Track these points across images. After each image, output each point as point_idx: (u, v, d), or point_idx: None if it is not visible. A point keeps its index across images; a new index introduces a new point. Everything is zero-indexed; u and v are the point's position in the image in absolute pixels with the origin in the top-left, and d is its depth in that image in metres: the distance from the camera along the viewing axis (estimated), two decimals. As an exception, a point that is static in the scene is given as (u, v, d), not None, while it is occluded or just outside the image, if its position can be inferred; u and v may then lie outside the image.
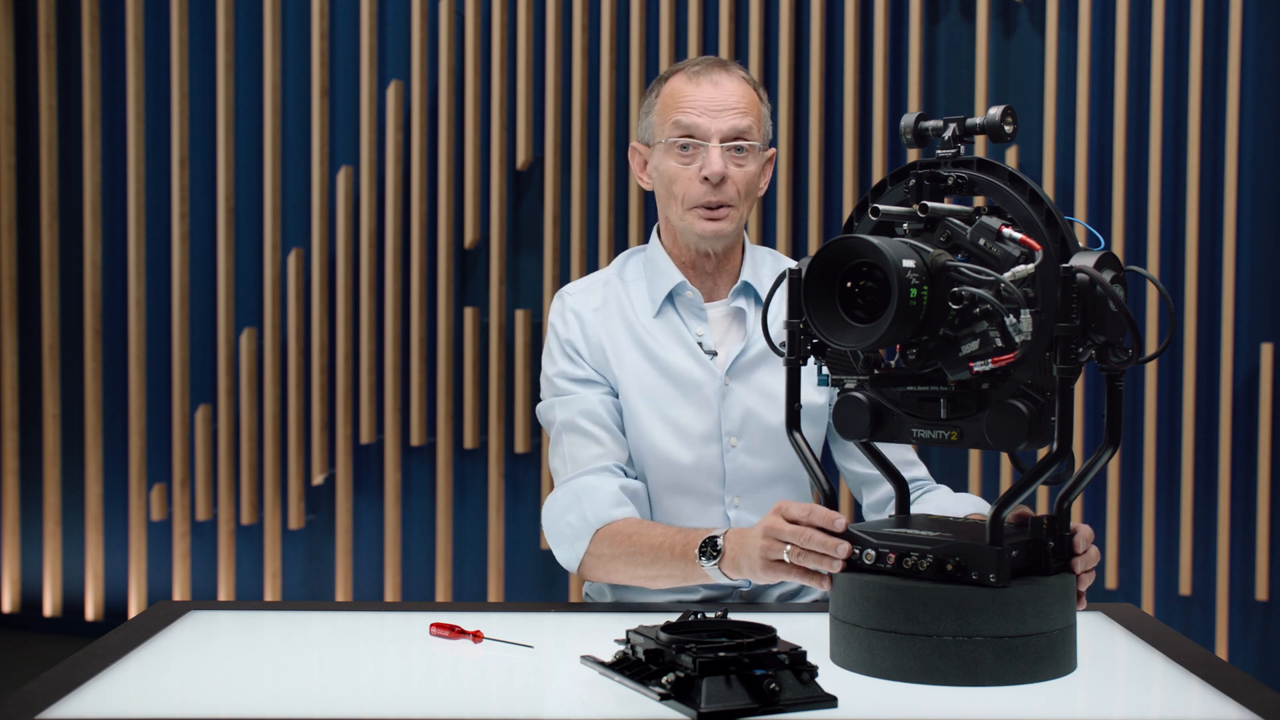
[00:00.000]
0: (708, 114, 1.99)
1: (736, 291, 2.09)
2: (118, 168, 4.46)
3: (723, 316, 2.10)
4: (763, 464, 2.06)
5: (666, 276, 2.08)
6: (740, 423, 2.04)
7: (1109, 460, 1.54)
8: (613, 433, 2.03)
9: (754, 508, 2.05)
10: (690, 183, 2.01)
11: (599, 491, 1.97)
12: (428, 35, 4.27)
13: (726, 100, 2.00)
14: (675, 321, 2.08)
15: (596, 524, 1.95)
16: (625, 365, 2.06)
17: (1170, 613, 3.93)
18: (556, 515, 2.00)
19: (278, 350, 4.35)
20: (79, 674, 1.55)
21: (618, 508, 1.96)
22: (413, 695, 1.53)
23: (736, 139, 2.00)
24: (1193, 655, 1.64)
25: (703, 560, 1.81)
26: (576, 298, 2.12)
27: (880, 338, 1.47)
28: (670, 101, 2.02)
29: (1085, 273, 1.46)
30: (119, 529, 4.48)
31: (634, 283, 2.12)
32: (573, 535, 1.97)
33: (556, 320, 2.12)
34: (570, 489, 2.00)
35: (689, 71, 2.03)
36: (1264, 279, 3.86)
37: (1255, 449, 3.85)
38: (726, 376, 2.05)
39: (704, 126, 1.99)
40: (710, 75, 2.01)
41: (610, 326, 2.08)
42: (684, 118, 2.00)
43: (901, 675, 1.51)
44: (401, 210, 4.29)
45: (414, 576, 4.32)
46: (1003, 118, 1.56)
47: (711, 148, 1.99)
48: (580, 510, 1.97)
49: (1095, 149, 3.92)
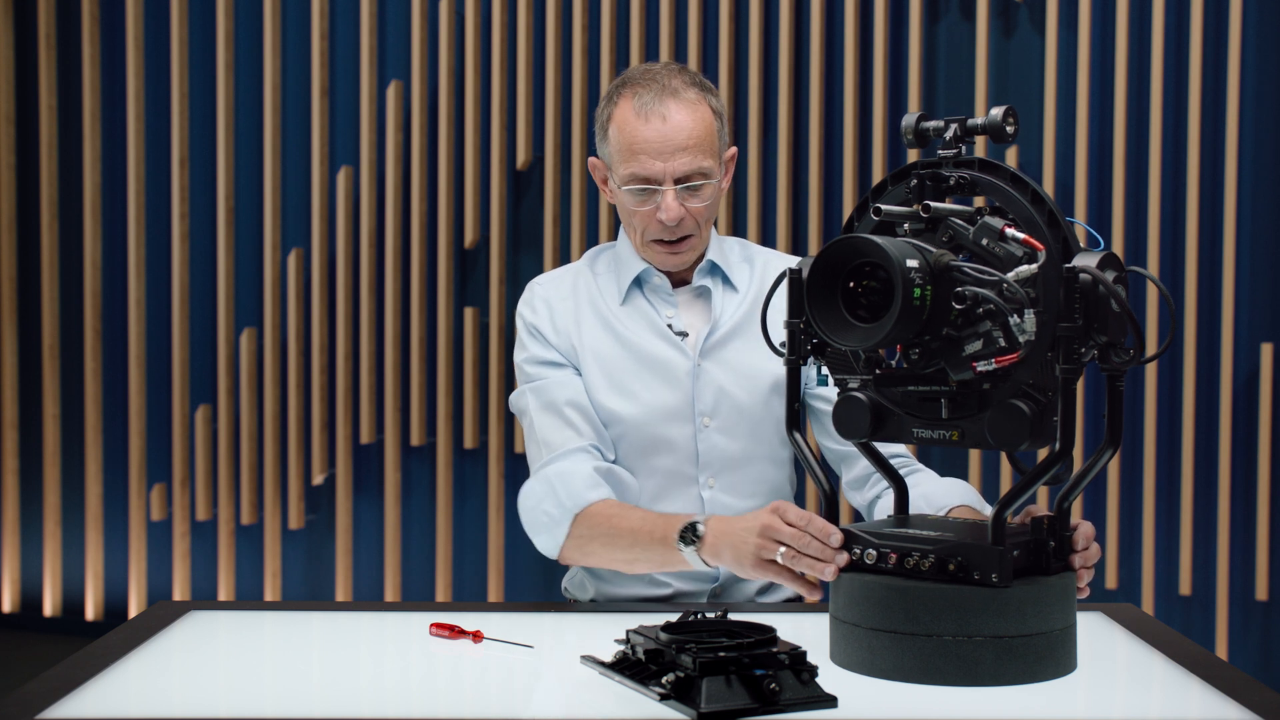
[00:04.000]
0: (660, 156, 1.96)
1: (702, 271, 2.10)
2: (118, 168, 4.46)
3: (692, 298, 2.11)
4: (736, 444, 2.05)
5: (632, 266, 2.09)
6: (713, 402, 2.05)
7: (1109, 460, 1.55)
8: (585, 413, 2.03)
9: (729, 488, 2.05)
10: (648, 220, 2.01)
11: (573, 476, 1.97)
12: (428, 35, 4.27)
13: (677, 137, 1.96)
14: (644, 307, 2.09)
15: (574, 509, 1.95)
16: (594, 350, 2.07)
17: (1170, 613, 3.93)
18: (533, 505, 2.00)
19: (278, 350, 4.35)
20: (79, 674, 1.55)
21: (593, 490, 1.96)
22: (413, 695, 1.53)
23: (690, 177, 1.98)
24: (1193, 655, 1.64)
25: (681, 545, 1.82)
26: (545, 286, 2.14)
27: (884, 337, 1.47)
28: (621, 139, 1.99)
29: (1088, 273, 1.46)
30: (119, 529, 4.48)
31: (604, 274, 2.14)
32: (551, 523, 1.97)
33: (525, 308, 2.13)
34: (543, 477, 2.00)
35: (637, 104, 1.98)
36: (1264, 279, 3.86)
37: (1255, 449, 3.85)
38: (699, 357, 2.05)
39: (655, 170, 1.97)
40: (659, 108, 1.97)
41: (579, 313, 2.10)
42: (637, 166, 1.97)
43: (901, 675, 1.51)
44: (401, 210, 4.29)
45: (414, 576, 4.32)
46: (1004, 118, 1.56)
47: (666, 191, 1.98)
48: (556, 497, 1.96)
49: (1095, 149, 3.92)
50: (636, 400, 2.04)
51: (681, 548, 1.82)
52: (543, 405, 2.05)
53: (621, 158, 2.00)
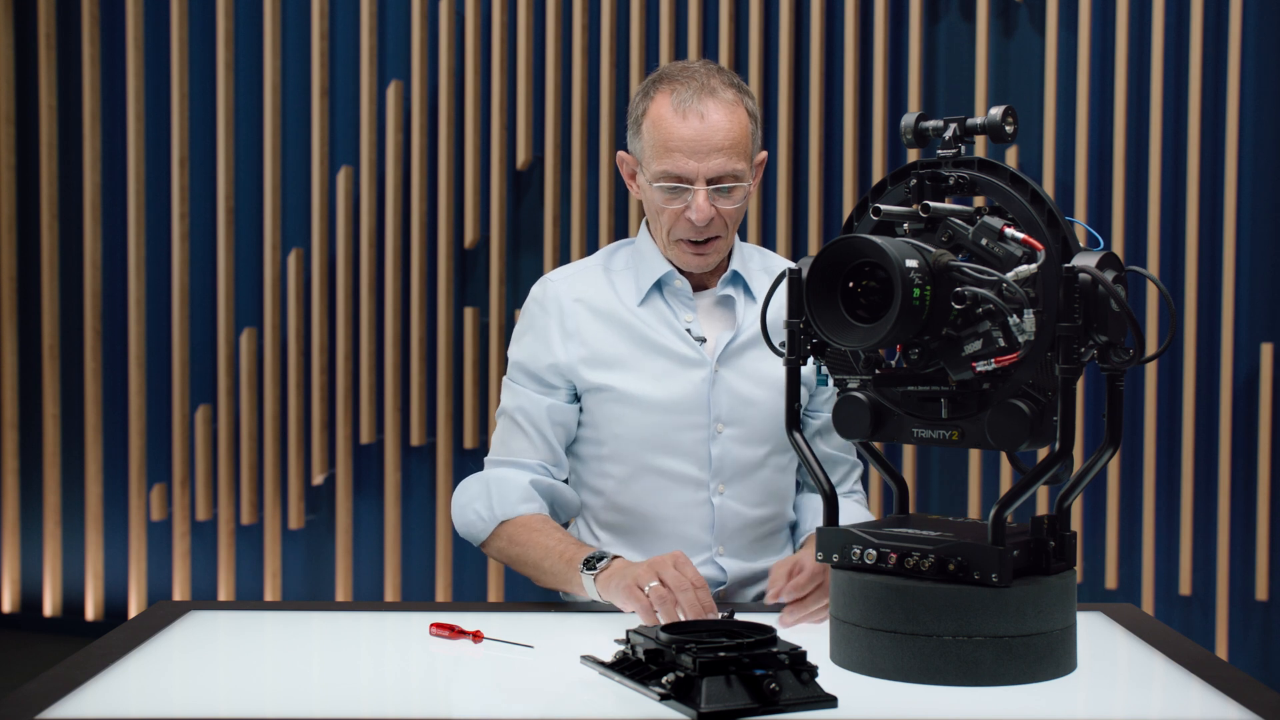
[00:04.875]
0: (695, 155, 1.95)
1: (726, 280, 2.10)
2: (118, 168, 4.46)
3: (712, 305, 2.10)
4: (750, 451, 2.06)
5: (654, 267, 2.08)
6: (729, 409, 2.04)
7: (1109, 460, 1.55)
8: (545, 437, 2.07)
9: (739, 495, 2.06)
10: (676, 218, 2.01)
11: (509, 484, 2.04)
12: (428, 35, 4.27)
13: (713, 138, 1.95)
14: (663, 309, 2.08)
15: (502, 517, 2.03)
16: (606, 353, 2.06)
17: (1170, 613, 3.93)
18: (465, 502, 2.07)
19: (278, 350, 4.35)
20: (79, 674, 1.55)
21: (525, 503, 2.03)
22: (413, 695, 1.53)
23: (723, 179, 1.98)
24: (1193, 655, 1.64)
25: (583, 569, 1.86)
26: (559, 285, 2.12)
27: (883, 337, 1.47)
28: (656, 133, 1.98)
29: (1087, 272, 1.46)
30: (119, 529, 4.48)
31: (621, 272, 2.12)
32: (480, 523, 2.04)
33: (534, 305, 2.12)
34: (483, 478, 2.08)
35: (675, 101, 1.97)
36: (1264, 279, 3.86)
37: (1255, 449, 3.85)
38: (716, 363, 2.05)
39: (689, 169, 1.96)
40: (698, 105, 1.96)
41: (591, 316, 2.08)
42: (670, 163, 1.96)
43: (901, 675, 1.51)
44: (401, 210, 4.29)
45: (414, 576, 4.32)
46: (1004, 118, 1.56)
47: (698, 190, 1.97)
48: (489, 500, 2.04)
49: (1095, 149, 3.92)
50: (648, 399, 2.04)
51: (582, 570, 1.87)
52: (511, 408, 2.10)
53: (655, 154, 1.99)
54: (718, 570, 2.05)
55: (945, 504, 4.03)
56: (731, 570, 2.05)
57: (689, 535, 2.04)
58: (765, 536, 2.08)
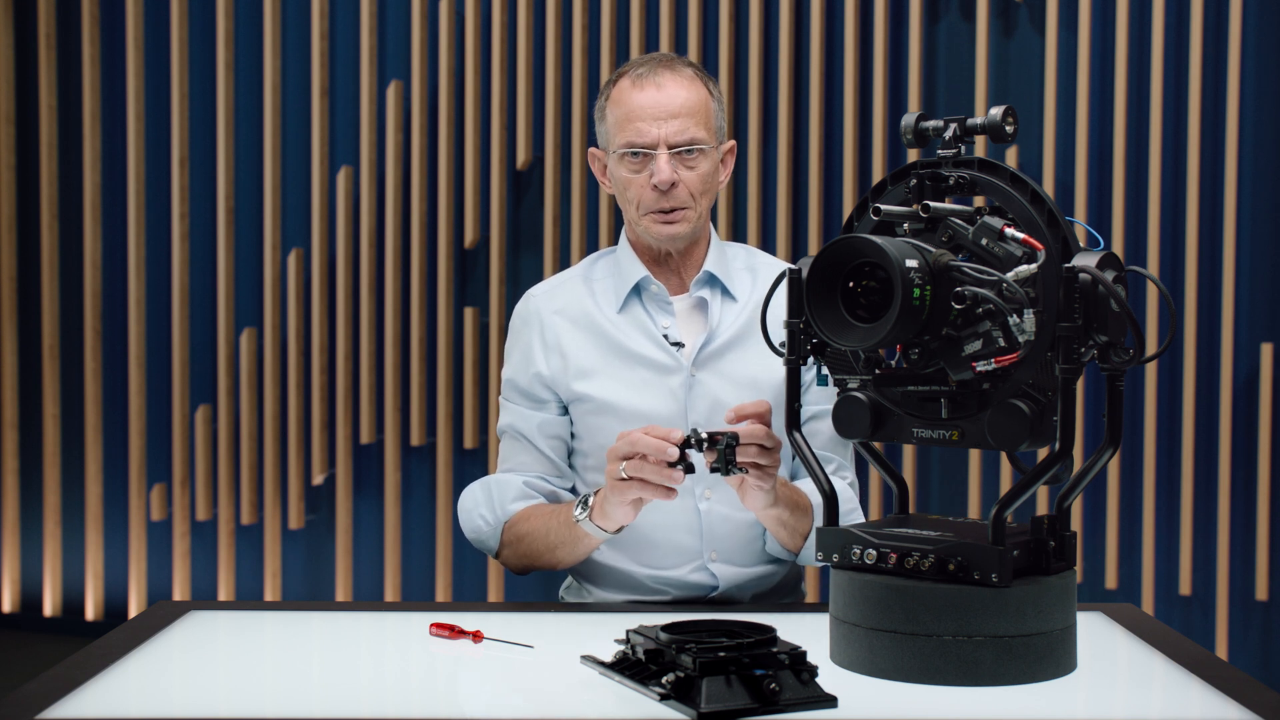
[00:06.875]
0: (654, 121, 1.99)
1: (699, 282, 2.10)
2: (118, 168, 4.46)
3: (690, 308, 2.10)
4: None
5: (630, 273, 2.09)
6: (708, 414, 2.04)
7: (1109, 460, 1.55)
8: (541, 451, 2.10)
9: (726, 499, 2.05)
10: (642, 189, 2.02)
11: (508, 485, 2.07)
12: (428, 35, 4.27)
13: (671, 104, 2.00)
14: (640, 316, 2.09)
15: (504, 518, 2.05)
16: (584, 364, 2.07)
17: (1170, 613, 3.93)
18: (470, 507, 2.10)
19: (278, 350, 4.35)
20: (79, 674, 1.55)
21: (522, 500, 2.06)
22: (413, 695, 1.53)
23: (684, 144, 2.00)
24: (1193, 655, 1.64)
25: (577, 514, 1.91)
26: (539, 299, 2.15)
27: (883, 337, 1.47)
28: (617, 109, 2.03)
29: (1087, 272, 1.46)
30: (119, 529, 4.48)
31: (600, 281, 2.14)
32: (489, 530, 2.06)
33: (518, 322, 2.16)
34: (485, 482, 2.10)
35: (633, 75, 2.03)
36: (1264, 279, 3.86)
37: (1255, 449, 3.85)
38: (692, 367, 2.05)
39: (650, 135, 2.00)
40: (654, 77, 2.01)
41: (570, 326, 2.09)
42: (630, 128, 2.01)
43: (901, 675, 1.51)
44: (401, 210, 4.29)
45: (414, 576, 4.32)
46: (1004, 118, 1.56)
47: (659, 155, 1.99)
48: (490, 504, 2.07)
49: (1095, 149, 3.92)
50: (626, 408, 2.03)
51: (577, 513, 1.91)
52: (507, 426, 2.13)
53: (618, 128, 2.03)
54: (710, 576, 2.05)
55: (945, 504, 4.03)
56: (724, 576, 2.05)
57: (679, 542, 2.04)
58: (756, 539, 2.07)
